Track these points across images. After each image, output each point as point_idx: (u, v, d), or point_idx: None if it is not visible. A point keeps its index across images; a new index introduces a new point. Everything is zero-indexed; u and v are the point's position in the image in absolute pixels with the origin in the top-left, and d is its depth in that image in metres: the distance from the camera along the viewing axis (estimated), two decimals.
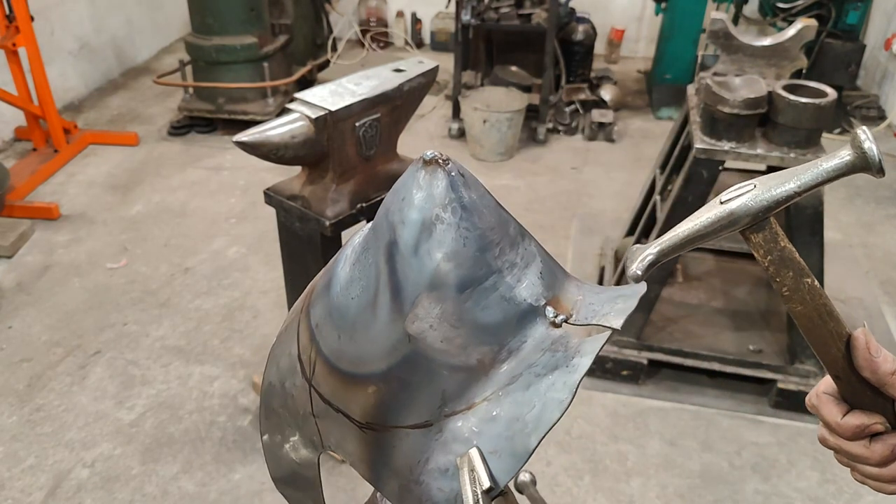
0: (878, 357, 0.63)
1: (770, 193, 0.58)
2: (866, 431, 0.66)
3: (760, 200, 0.58)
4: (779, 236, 0.61)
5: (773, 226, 0.60)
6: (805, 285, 0.61)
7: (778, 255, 0.61)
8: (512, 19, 4.46)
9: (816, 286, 0.61)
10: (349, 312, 0.61)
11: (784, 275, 0.61)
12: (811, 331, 0.63)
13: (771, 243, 0.61)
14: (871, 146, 0.55)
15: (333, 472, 2.29)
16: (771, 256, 0.61)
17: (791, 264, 0.61)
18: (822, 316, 0.62)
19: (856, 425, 0.66)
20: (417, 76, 2.06)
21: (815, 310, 0.62)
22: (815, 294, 0.61)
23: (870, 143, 0.55)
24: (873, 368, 0.63)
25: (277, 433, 0.72)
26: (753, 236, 0.61)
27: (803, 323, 0.63)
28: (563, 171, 4.35)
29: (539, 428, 0.53)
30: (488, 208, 0.57)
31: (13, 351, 2.82)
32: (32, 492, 2.24)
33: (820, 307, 0.62)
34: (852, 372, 0.64)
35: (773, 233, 0.61)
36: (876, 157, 0.55)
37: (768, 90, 2.19)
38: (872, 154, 0.55)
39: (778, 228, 0.61)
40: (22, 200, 3.76)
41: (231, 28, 4.43)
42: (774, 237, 0.60)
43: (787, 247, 0.61)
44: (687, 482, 2.31)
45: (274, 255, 3.16)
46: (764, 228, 0.60)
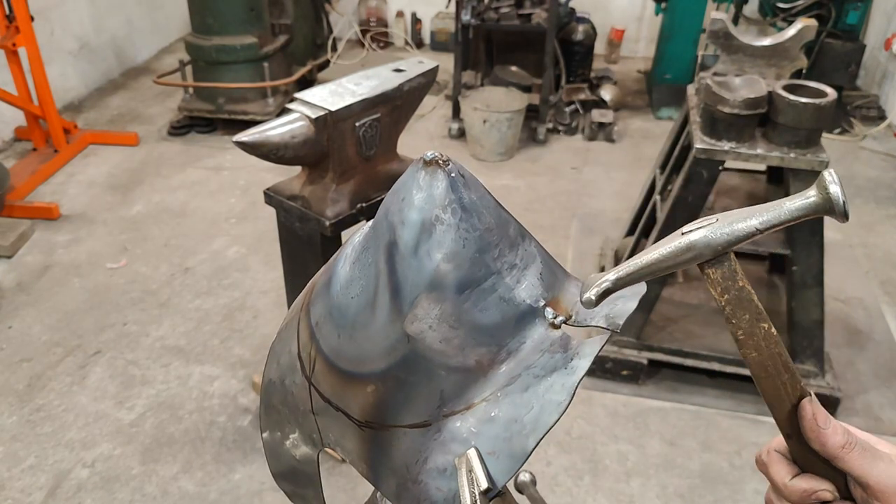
0: (826, 429, 0.60)
1: (731, 228, 0.57)
2: (813, 497, 0.62)
3: (721, 234, 0.57)
4: (737, 275, 0.59)
5: (732, 263, 0.59)
6: (761, 331, 0.59)
7: (735, 294, 0.59)
8: (512, 19, 4.46)
9: (773, 334, 0.59)
10: (349, 311, 0.61)
11: (740, 317, 0.59)
12: (764, 381, 0.60)
13: (729, 281, 0.59)
14: (837, 190, 0.54)
15: (333, 472, 2.29)
16: (728, 295, 0.59)
17: (748, 306, 0.59)
18: (776, 367, 0.60)
19: (803, 489, 0.62)
20: (417, 76, 2.06)
21: (770, 359, 0.59)
22: (771, 342, 0.59)
23: (835, 186, 0.54)
24: (821, 441, 0.60)
25: (277, 430, 0.72)
26: (712, 272, 0.59)
27: (756, 371, 0.60)
28: (563, 171, 4.35)
29: (537, 429, 0.53)
30: (488, 209, 0.57)
31: (13, 351, 2.82)
32: (32, 492, 2.25)
33: (775, 356, 0.59)
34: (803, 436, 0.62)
35: (732, 270, 0.59)
36: (840, 202, 0.54)
37: (768, 90, 2.19)
38: (837, 198, 0.54)
39: (738, 267, 0.59)
40: (22, 200, 3.76)
41: (231, 28, 4.43)
42: (733, 275, 0.59)
43: (746, 287, 0.59)
44: (687, 482, 2.31)
45: (274, 255, 3.16)
46: (723, 264, 0.59)
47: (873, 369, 2.78)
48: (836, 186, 0.54)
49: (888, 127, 4.76)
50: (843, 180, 0.58)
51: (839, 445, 0.60)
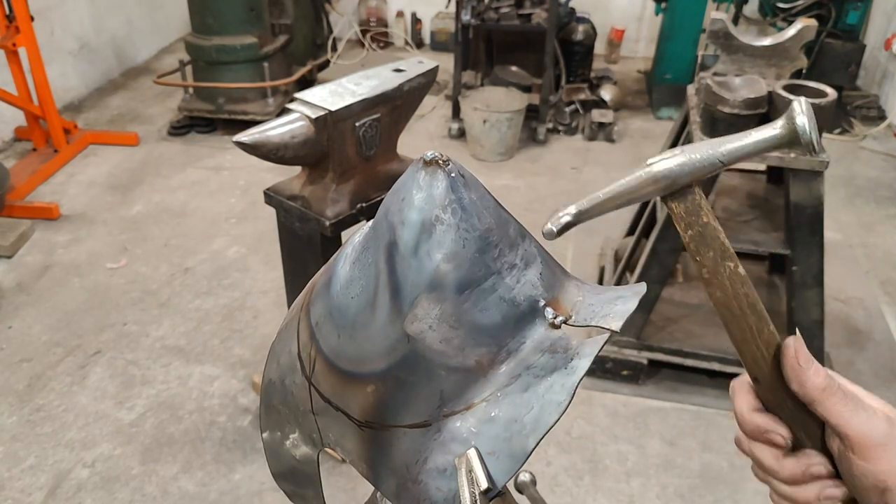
0: (807, 369, 0.57)
1: (694, 159, 0.55)
2: (764, 436, 0.60)
3: (683, 165, 0.55)
4: (702, 210, 0.57)
5: (696, 197, 0.57)
6: (726, 269, 0.57)
7: (699, 230, 0.57)
8: (512, 19, 4.46)
9: (740, 273, 0.57)
10: (349, 311, 0.61)
11: (704, 254, 0.57)
12: (730, 322, 0.58)
13: (692, 216, 0.57)
14: (804, 121, 0.51)
15: (333, 472, 2.29)
16: (692, 231, 0.57)
17: (713, 243, 0.57)
18: (742, 308, 0.57)
19: (757, 425, 0.60)
20: (417, 76, 2.06)
21: (735, 299, 0.57)
22: (737, 281, 0.57)
23: (803, 117, 0.52)
24: (801, 381, 0.57)
25: (277, 430, 0.72)
26: (675, 205, 0.58)
27: (722, 312, 0.58)
28: (563, 171, 4.35)
29: (537, 430, 0.53)
30: (488, 209, 0.57)
31: (13, 351, 2.82)
32: (32, 492, 2.25)
33: (741, 297, 0.57)
34: (773, 379, 0.59)
35: (696, 205, 0.57)
36: (807, 133, 0.51)
37: (768, 90, 2.19)
38: (804, 129, 0.51)
39: (703, 202, 0.57)
40: (22, 200, 3.76)
41: (231, 28, 4.43)
42: (697, 210, 0.57)
43: (711, 223, 0.57)
44: (687, 482, 2.31)
45: (274, 255, 3.16)
46: (686, 198, 0.57)
47: (873, 369, 2.78)
48: (803, 117, 0.52)
49: (888, 127, 4.76)
50: (843, 180, 0.57)
51: (819, 388, 0.57)
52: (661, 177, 0.56)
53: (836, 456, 0.59)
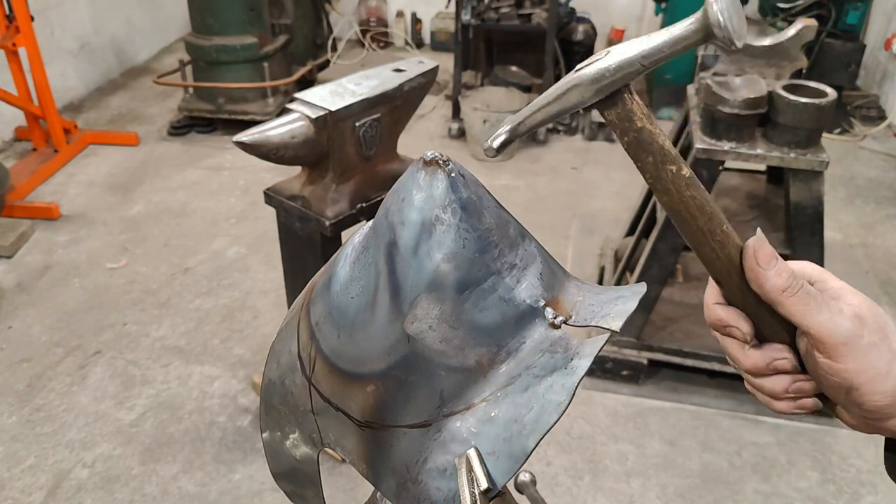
0: (767, 270, 0.56)
1: (614, 60, 0.53)
2: (724, 330, 0.60)
3: (605, 69, 0.53)
4: (634, 115, 0.55)
5: (627, 102, 0.55)
6: (668, 173, 0.55)
7: (634, 136, 0.55)
8: (512, 19, 4.46)
9: (684, 175, 0.55)
10: (348, 312, 0.61)
11: (643, 159, 0.55)
12: (681, 226, 0.57)
13: (626, 122, 0.55)
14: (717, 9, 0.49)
15: (333, 473, 2.29)
16: (627, 137, 0.56)
17: (650, 148, 0.55)
18: (689, 210, 0.56)
19: (718, 317, 0.61)
20: (417, 76, 2.06)
21: (682, 202, 0.56)
22: (682, 184, 0.55)
23: (717, 5, 0.49)
24: (759, 282, 0.56)
25: (277, 430, 0.72)
26: (608, 113, 0.56)
27: (672, 217, 0.57)
28: (563, 171, 4.35)
29: (537, 430, 0.53)
30: (488, 209, 0.57)
31: (13, 351, 2.82)
32: (32, 492, 2.25)
33: (687, 199, 0.55)
34: (734, 280, 0.58)
35: (628, 110, 0.55)
36: (721, 23, 0.49)
37: (768, 90, 2.19)
38: (717, 20, 0.49)
39: (635, 106, 0.55)
40: (22, 200, 3.76)
41: (231, 28, 4.43)
42: (629, 115, 0.55)
43: (647, 128, 0.55)
44: (687, 482, 2.31)
45: (274, 255, 3.16)
46: (617, 104, 0.55)
47: None
48: (716, 5, 0.49)
49: (888, 127, 4.76)
50: (843, 180, 0.57)
51: (779, 289, 0.56)
52: (587, 80, 0.54)
53: (802, 354, 0.60)
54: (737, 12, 0.51)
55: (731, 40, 0.50)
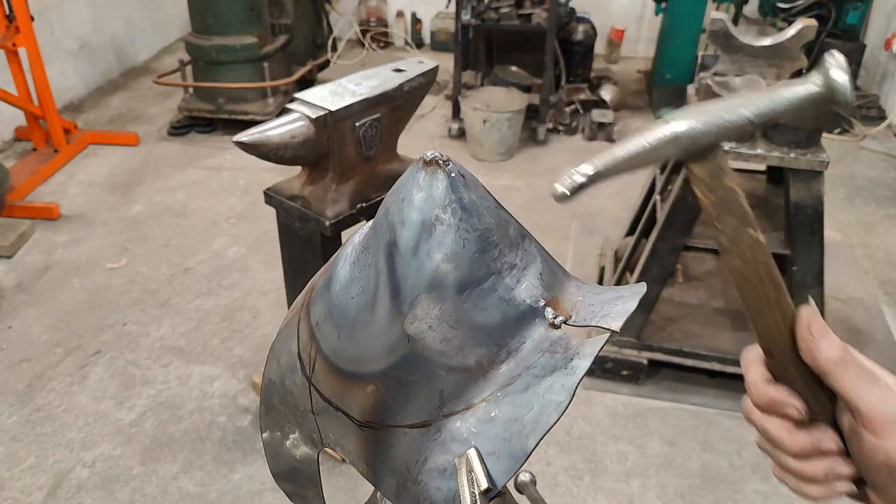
0: (820, 340, 0.55)
1: (720, 118, 0.51)
2: (777, 408, 0.57)
3: (708, 124, 0.51)
4: (724, 173, 0.53)
5: (719, 160, 0.53)
6: (747, 237, 0.54)
7: (721, 195, 0.54)
8: (512, 19, 4.46)
9: (760, 241, 0.54)
10: (348, 312, 0.61)
11: (725, 220, 0.54)
12: (747, 292, 0.56)
13: (715, 180, 0.53)
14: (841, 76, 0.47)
15: (333, 473, 2.29)
16: (714, 196, 0.54)
17: (735, 209, 0.54)
18: (760, 277, 0.55)
19: (771, 397, 0.57)
20: (417, 76, 2.06)
21: (755, 268, 0.54)
22: (758, 250, 0.54)
23: (840, 72, 0.47)
24: (813, 353, 0.55)
25: (277, 430, 0.72)
26: (696, 168, 0.54)
27: (739, 281, 0.55)
28: (563, 171, 4.34)
29: (537, 430, 0.53)
30: (488, 209, 0.57)
31: (13, 351, 2.82)
32: (32, 492, 2.25)
33: (760, 266, 0.54)
34: (790, 352, 0.56)
35: (719, 168, 0.53)
36: (846, 90, 0.47)
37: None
38: (842, 86, 0.47)
39: (726, 165, 0.54)
40: (22, 200, 3.76)
41: (231, 28, 4.43)
42: (719, 173, 0.53)
43: (733, 188, 0.54)
44: (687, 482, 2.31)
45: (274, 255, 3.15)
46: (709, 161, 0.53)
47: None
48: (840, 72, 0.47)
49: (888, 127, 4.76)
50: (843, 180, 0.56)
51: (832, 360, 0.55)
52: (685, 136, 0.51)
53: (846, 432, 0.57)
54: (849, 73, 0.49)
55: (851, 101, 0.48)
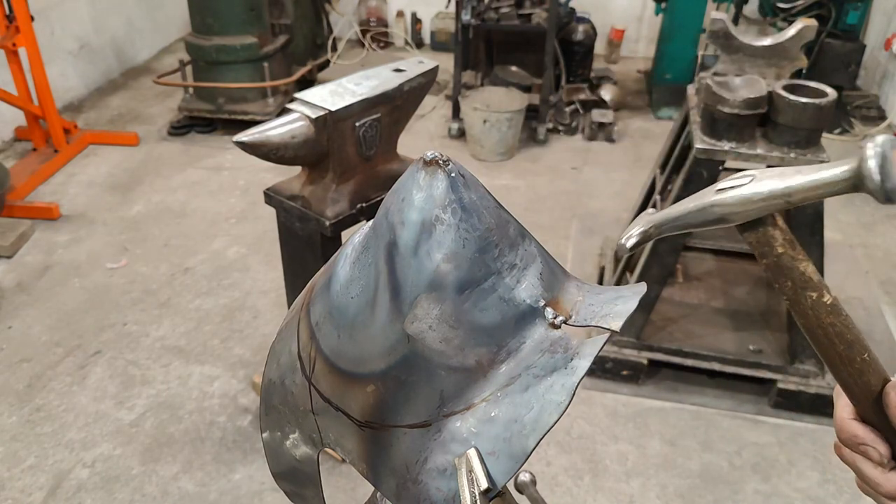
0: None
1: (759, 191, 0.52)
2: (859, 448, 0.59)
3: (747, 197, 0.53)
4: (776, 241, 0.54)
5: (769, 228, 0.54)
6: (807, 299, 0.54)
7: (774, 260, 0.55)
8: (512, 19, 4.46)
9: (825, 303, 0.54)
10: (348, 312, 0.61)
11: (782, 283, 0.55)
12: (818, 347, 0.56)
13: (765, 247, 0.55)
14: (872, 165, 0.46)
15: (333, 472, 2.29)
16: (766, 260, 0.55)
17: (790, 273, 0.54)
18: (828, 337, 0.55)
19: (854, 434, 0.59)
20: (417, 76, 2.06)
21: (821, 328, 0.55)
22: (822, 311, 0.54)
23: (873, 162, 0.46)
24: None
25: (277, 429, 0.72)
26: (747, 235, 0.56)
27: (808, 337, 0.56)
28: (563, 171, 4.35)
29: (537, 430, 0.53)
30: (488, 209, 0.57)
31: (13, 351, 2.82)
32: (32, 492, 2.25)
33: (826, 326, 0.54)
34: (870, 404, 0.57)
35: (769, 236, 0.55)
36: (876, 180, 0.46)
37: (768, 90, 2.19)
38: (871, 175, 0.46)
39: (776, 232, 0.54)
40: (22, 200, 3.76)
41: (231, 28, 4.43)
42: (770, 241, 0.54)
43: (787, 253, 0.54)
44: (687, 482, 2.31)
45: (274, 255, 3.16)
46: (757, 230, 0.55)
47: None
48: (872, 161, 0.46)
49: (888, 127, 4.76)
50: None
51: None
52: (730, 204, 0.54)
53: None
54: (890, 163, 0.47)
55: (886, 197, 0.47)
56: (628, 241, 0.59)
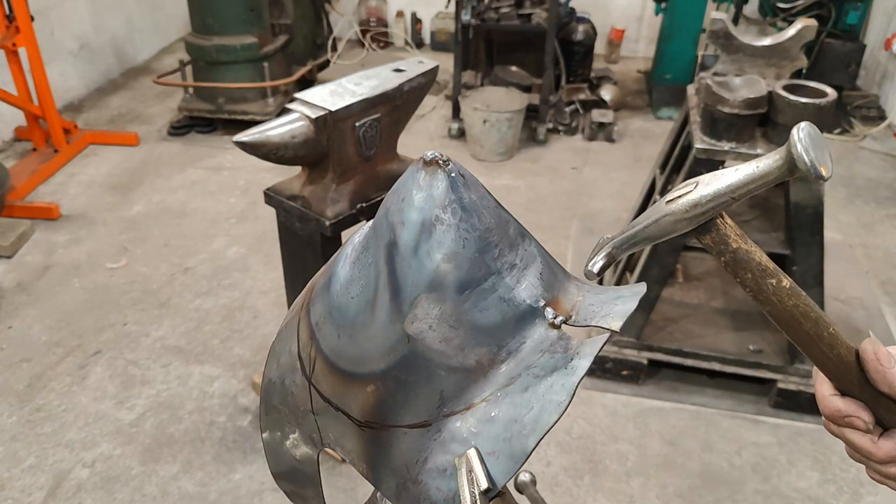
0: (892, 368, 0.58)
1: (706, 193, 0.55)
2: (845, 420, 0.61)
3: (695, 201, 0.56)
4: (728, 237, 0.57)
5: (720, 227, 0.57)
6: (769, 286, 0.57)
7: (731, 256, 0.58)
8: (512, 19, 4.46)
9: (784, 287, 0.57)
10: (348, 312, 0.61)
11: (742, 276, 0.58)
12: (788, 332, 0.59)
13: (721, 245, 0.58)
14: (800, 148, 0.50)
15: (333, 472, 2.29)
16: (724, 258, 0.58)
17: (748, 265, 0.57)
18: (794, 318, 0.58)
19: (837, 408, 0.61)
20: (417, 76, 2.06)
21: (786, 311, 0.58)
22: (783, 295, 0.57)
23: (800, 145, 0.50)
24: (889, 381, 0.58)
25: (277, 430, 0.72)
26: (702, 238, 0.58)
27: (778, 324, 0.59)
28: (563, 171, 4.35)
29: (537, 430, 0.53)
30: (488, 209, 0.57)
31: (13, 351, 2.82)
32: (32, 492, 2.25)
33: (790, 309, 0.58)
34: (848, 377, 0.60)
35: (722, 234, 0.57)
36: (806, 162, 0.50)
37: (768, 90, 2.19)
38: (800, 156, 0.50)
39: (728, 230, 0.57)
40: (22, 200, 3.76)
41: (231, 28, 4.43)
42: (724, 238, 0.57)
43: (742, 247, 0.57)
44: (687, 482, 2.31)
45: (274, 255, 3.16)
46: (710, 231, 0.58)
47: None
48: (799, 144, 0.50)
49: (888, 127, 4.76)
50: (843, 180, 0.57)
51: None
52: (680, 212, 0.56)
53: None
54: (818, 144, 0.51)
55: (816, 175, 0.51)
56: (594, 266, 0.61)
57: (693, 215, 0.56)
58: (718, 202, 0.56)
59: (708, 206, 0.56)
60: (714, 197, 0.55)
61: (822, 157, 0.51)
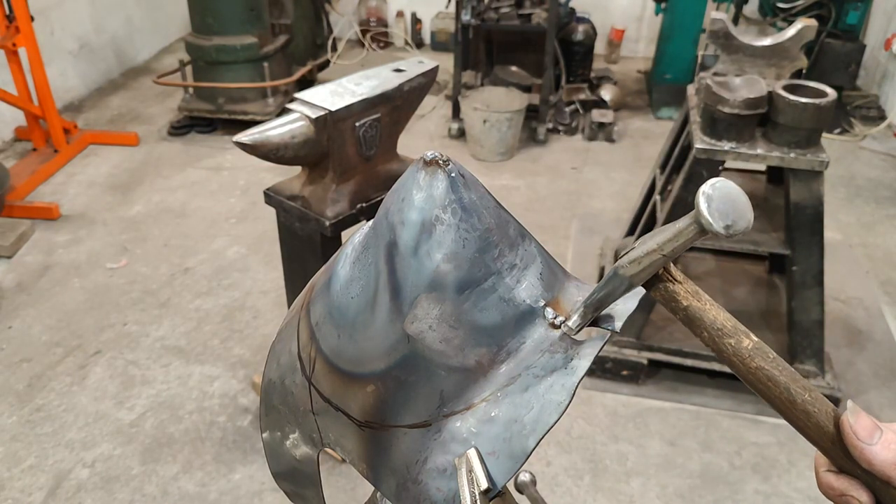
0: (872, 444, 0.50)
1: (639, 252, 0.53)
2: (839, 499, 0.54)
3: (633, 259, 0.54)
4: (678, 294, 0.54)
5: (667, 284, 0.55)
6: (728, 347, 0.53)
7: (683, 313, 0.54)
8: (512, 19, 4.46)
9: (745, 347, 0.52)
10: (348, 312, 0.61)
11: (699, 334, 0.54)
12: (759, 393, 0.54)
13: (672, 302, 0.55)
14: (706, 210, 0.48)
15: (333, 473, 2.29)
16: (678, 315, 0.55)
17: (702, 324, 0.54)
18: (761, 381, 0.52)
19: (833, 487, 0.55)
20: (417, 76, 2.06)
21: (751, 373, 0.53)
22: (745, 356, 0.52)
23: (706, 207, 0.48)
24: (868, 460, 0.50)
25: (277, 430, 0.72)
26: (654, 292, 0.56)
27: (747, 384, 0.54)
28: (563, 171, 4.35)
29: (537, 430, 0.53)
30: (488, 209, 0.57)
31: (13, 351, 2.82)
32: (32, 492, 2.25)
33: (754, 371, 0.52)
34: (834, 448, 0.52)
35: (670, 291, 0.55)
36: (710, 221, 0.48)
37: (768, 90, 2.19)
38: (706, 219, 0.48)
39: (675, 286, 0.55)
40: (22, 200, 3.76)
41: (231, 28, 4.43)
42: (672, 295, 0.54)
43: (693, 305, 0.54)
44: (687, 482, 2.31)
45: (274, 255, 3.16)
46: (658, 286, 0.55)
47: (873, 369, 2.78)
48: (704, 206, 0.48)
49: (888, 127, 4.76)
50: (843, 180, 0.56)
51: (891, 463, 0.49)
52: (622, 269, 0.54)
53: None
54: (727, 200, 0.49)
55: (724, 235, 0.49)
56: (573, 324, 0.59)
57: (637, 271, 0.54)
58: (653, 258, 0.53)
59: (645, 262, 0.53)
60: (647, 253, 0.53)
61: (736, 213, 0.49)
